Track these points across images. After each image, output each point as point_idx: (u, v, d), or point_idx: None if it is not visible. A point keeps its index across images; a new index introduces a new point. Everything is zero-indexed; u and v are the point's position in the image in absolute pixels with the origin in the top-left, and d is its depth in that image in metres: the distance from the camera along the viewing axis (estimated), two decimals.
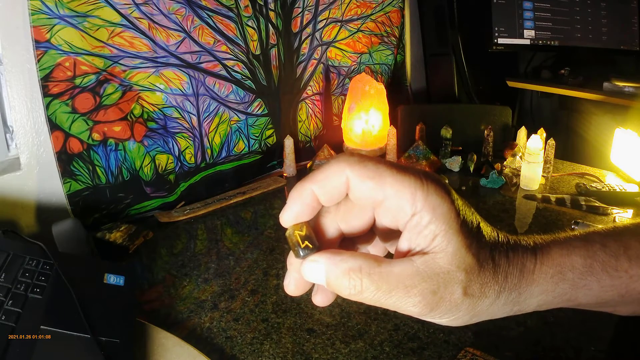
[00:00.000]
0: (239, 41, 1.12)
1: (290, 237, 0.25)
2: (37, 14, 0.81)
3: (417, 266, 0.24)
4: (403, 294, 0.24)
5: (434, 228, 0.24)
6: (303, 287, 0.27)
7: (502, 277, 0.26)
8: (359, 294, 0.24)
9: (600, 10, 1.53)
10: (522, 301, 0.27)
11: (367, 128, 1.35)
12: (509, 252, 0.26)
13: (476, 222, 0.26)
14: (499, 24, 1.51)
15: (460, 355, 0.59)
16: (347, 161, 0.24)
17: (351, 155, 0.25)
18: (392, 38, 1.56)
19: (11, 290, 0.52)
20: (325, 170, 0.25)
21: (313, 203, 0.25)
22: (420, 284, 0.24)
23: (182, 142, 1.06)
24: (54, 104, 0.86)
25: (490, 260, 0.25)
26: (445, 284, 0.24)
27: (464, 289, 0.24)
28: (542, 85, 1.62)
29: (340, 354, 0.61)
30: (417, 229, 0.24)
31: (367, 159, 0.25)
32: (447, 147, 1.31)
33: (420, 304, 0.24)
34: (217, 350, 0.62)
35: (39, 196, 0.90)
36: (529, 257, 0.27)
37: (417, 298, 0.24)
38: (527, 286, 0.27)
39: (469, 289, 0.25)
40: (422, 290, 0.24)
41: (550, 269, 0.27)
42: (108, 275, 0.62)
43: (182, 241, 0.92)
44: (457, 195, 0.26)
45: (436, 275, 0.24)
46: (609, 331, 0.64)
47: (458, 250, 0.24)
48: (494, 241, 0.26)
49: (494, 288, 0.25)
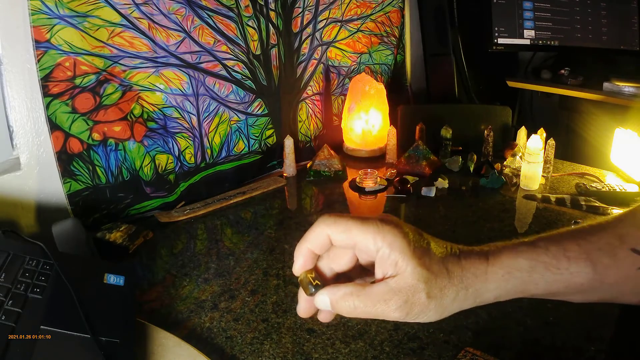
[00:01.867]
0: (239, 41, 1.12)
1: (303, 280, 0.36)
2: (37, 14, 0.81)
3: (390, 285, 0.33)
4: (384, 306, 0.33)
5: (394, 257, 0.33)
6: (311, 312, 0.37)
7: (457, 280, 0.34)
8: (354, 310, 0.34)
9: (600, 10, 1.53)
10: (480, 295, 0.35)
11: (367, 128, 1.35)
12: (462, 260, 0.35)
13: (426, 245, 0.35)
14: (499, 24, 1.51)
15: (460, 355, 0.59)
16: (325, 222, 0.35)
17: (328, 217, 0.35)
18: (392, 38, 1.56)
19: (11, 290, 0.52)
20: (312, 231, 0.35)
21: (311, 254, 0.36)
22: (394, 297, 0.33)
23: (182, 142, 1.06)
24: (54, 104, 0.86)
25: (444, 269, 0.34)
26: (412, 293, 0.33)
27: (426, 294, 0.33)
28: (542, 85, 1.62)
29: (340, 354, 0.61)
30: (382, 260, 0.34)
31: (339, 218, 0.34)
32: (447, 147, 1.31)
33: (398, 310, 0.33)
34: (217, 350, 0.62)
35: (39, 196, 0.90)
36: (481, 262, 0.35)
37: (395, 307, 0.33)
38: (482, 284, 0.35)
39: (431, 293, 0.33)
40: (397, 301, 0.33)
41: (500, 269, 0.35)
42: (108, 275, 0.62)
43: (182, 241, 0.93)
44: (408, 229, 0.35)
45: (404, 289, 0.33)
46: (609, 331, 0.64)
47: (414, 268, 0.33)
48: (446, 254, 0.35)
49: (451, 289, 0.34)
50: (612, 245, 0.36)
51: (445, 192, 1.14)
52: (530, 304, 0.70)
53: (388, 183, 1.18)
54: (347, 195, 1.15)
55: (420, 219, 1.04)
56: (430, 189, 1.13)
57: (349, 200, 1.14)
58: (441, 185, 1.15)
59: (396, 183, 1.14)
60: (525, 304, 0.70)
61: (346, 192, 1.17)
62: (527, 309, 0.69)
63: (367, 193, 1.14)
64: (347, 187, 1.19)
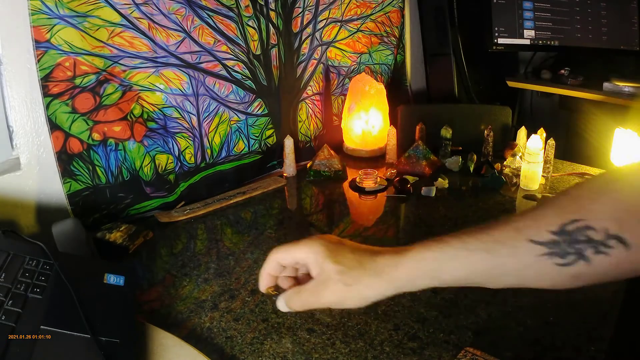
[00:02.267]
0: (240, 41, 1.12)
1: (266, 293, 0.51)
2: (37, 14, 0.81)
3: (317, 280, 0.46)
4: (317, 296, 0.46)
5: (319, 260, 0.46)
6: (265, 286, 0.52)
7: (371, 271, 0.45)
8: (300, 305, 0.47)
9: (600, 10, 1.53)
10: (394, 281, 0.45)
11: (367, 128, 1.35)
12: (376, 256, 0.45)
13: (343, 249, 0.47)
14: (499, 24, 1.51)
15: (460, 355, 0.59)
16: (273, 253, 0.49)
17: (276, 249, 0.48)
18: (392, 38, 1.56)
19: (11, 290, 0.52)
20: (267, 261, 0.49)
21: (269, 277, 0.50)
22: (322, 288, 0.46)
23: (182, 142, 1.06)
24: (54, 104, 0.86)
25: (357, 263, 0.45)
26: (333, 283, 0.45)
27: (343, 283, 0.45)
28: (542, 85, 1.62)
29: (340, 354, 0.61)
30: (313, 264, 0.47)
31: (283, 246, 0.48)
32: (447, 147, 1.31)
33: (327, 298, 0.46)
34: (217, 350, 0.62)
35: (39, 196, 0.90)
36: (393, 256, 0.45)
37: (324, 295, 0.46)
38: (394, 272, 0.44)
39: (347, 282, 0.45)
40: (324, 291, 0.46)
41: (410, 260, 0.44)
42: (108, 275, 0.62)
43: (182, 241, 0.93)
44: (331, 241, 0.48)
45: (327, 281, 0.45)
46: (609, 331, 0.64)
47: (331, 265, 0.45)
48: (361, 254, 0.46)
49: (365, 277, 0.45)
50: (511, 237, 0.42)
51: (445, 192, 1.14)
52: (530, 304, 0.70)
53: (388, 183, 1.18)
54: (347, 195, 1.15)
55: (420, 219, 1.04)
56: (430, 189, 1.13)
57: (349, 200, 1.14)
58: (441, 185, 1.15)
59: (396, 183, 1.14)
60: (525, 303, 0.70)
61: (346, 192, 1.17)
62: (527, 309, 0.69)
63: (367, 193, 1.14)
64: (347, 187, 1.19)
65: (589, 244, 0.40)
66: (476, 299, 0.72)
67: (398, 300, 0.72)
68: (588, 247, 0.40)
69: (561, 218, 0.41)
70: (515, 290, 0.73)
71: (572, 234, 0.41)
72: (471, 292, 0.73)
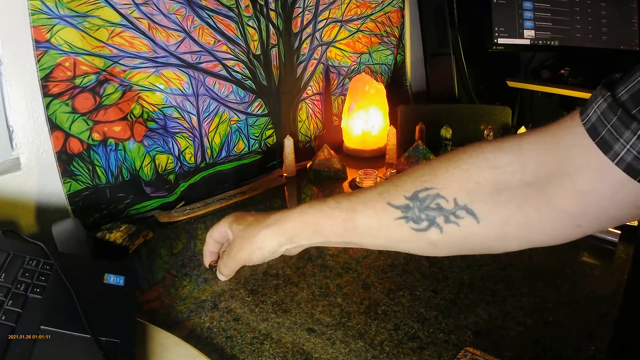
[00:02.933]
0: (240, 41, 1.12)
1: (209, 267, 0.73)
2: (37, 14, 0.81)
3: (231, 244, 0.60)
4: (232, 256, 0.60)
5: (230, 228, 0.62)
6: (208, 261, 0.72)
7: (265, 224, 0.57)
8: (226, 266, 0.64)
9: (600, 10, 1.53)
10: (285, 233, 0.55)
11: (367, 128, 1.36)
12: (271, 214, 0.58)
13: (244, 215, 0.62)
14: (499, 24, 1.51)
15: (460, 355, 0.59)
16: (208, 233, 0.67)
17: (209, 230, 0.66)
18: (392, 38, 1.56)
19: (11, 290, 0.52)
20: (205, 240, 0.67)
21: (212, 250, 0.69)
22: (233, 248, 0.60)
23: (182, 142, 1.06)
24: (54, 104, 0.86)
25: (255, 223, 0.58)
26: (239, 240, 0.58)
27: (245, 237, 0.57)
28: (542, 85, 1.62)
29: (340, 354, 0.61)
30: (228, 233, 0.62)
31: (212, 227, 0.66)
32: (447, 147, 1.31)
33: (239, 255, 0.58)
34: (217, 350, 0.62)
35: (39, 196, 0.90)
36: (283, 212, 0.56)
37: (236, 253, 0.58)
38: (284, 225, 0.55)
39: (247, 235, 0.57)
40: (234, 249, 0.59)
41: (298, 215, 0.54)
42: (108, 275, 0.62)
43: (182, 241, 0.93)
44: (237, 213, 0.63)
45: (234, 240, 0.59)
46: (609, 331, 0.64)
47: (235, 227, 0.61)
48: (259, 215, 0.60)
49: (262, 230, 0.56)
50: (374, 199, 0.47)
51: None
52: (530, 304, 0.70)
53: None
54: None
55: None
56: None
57: None
58: None
59: None
60: (525, 303, 0.70)
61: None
62: (527, 309, 0.69)
63: None
64: (347, 187, 1.19)
65: (439, 211, 0.43)
66: (476, 299, 0.72)
67: (398, 300, 0.72)
68: (439, 215, 0.43)
69: (415, 185, 0.44)
70: (515, 290, 0.73)
71: (423, 201, 0.43)
72: (471, 292, 0.73)
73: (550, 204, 0.40)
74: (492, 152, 0.43)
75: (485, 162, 0.42)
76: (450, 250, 0.47)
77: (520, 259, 0.82)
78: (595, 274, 0.78)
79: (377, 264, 0.82)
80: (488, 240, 0.43)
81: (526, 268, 0.80)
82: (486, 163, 0.42)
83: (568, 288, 0.74)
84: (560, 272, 0.78)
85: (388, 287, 0.75)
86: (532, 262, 0.82)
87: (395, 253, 0.85)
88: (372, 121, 1.35)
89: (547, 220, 0.41)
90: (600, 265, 0.81)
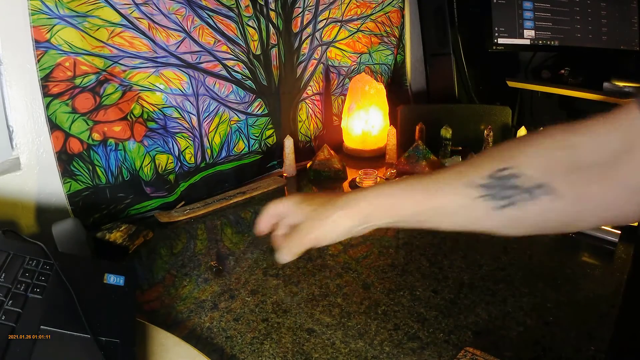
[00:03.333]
0: (240, 41, 1.12)
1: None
2: (37, 14, 0.81)
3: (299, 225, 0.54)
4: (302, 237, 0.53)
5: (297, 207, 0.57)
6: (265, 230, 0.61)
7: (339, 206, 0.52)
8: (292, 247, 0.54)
9: (600, 10, 1.53)
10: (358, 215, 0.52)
11: (367, 128, 1.36)
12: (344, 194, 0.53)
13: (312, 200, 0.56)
14: (499, 24, 1.50)
15: (460, 355, 0.59)
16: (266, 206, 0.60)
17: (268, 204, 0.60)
18: (392, 38, 1.56)
19: (11, 290, 0.52)
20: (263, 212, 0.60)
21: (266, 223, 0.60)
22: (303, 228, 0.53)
23: (182, 142, 1.06)
24: (54, 104, 0.86)
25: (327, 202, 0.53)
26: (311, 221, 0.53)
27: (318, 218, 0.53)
28: (542, 85, 1.61)
29: (340, 354, 0.61)
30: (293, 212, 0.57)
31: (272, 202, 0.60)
32: (447, 147, 1.31)
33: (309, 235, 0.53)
34: (217, 350, 0.62)
35: (39, 196, 0.90)
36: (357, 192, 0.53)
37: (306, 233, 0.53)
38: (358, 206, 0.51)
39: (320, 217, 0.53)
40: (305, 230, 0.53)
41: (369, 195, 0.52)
42: (108, 275, 0.62)
43: (182, 241, 0.93)
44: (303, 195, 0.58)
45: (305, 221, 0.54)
46: (609, 331, 0.64)
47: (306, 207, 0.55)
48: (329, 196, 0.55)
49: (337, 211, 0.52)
50: (453, 179, 0.47)
51: None
52: (530, 304, 0.70)
53: None
54: None
55: None
56: None
57: None
58: None
59: None
60: (525, 303, 0.70)
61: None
62: (527, 309, 0.69)
63: None
64: (347, 187, 1.19)
65: (518, 190, 0.44)
66: (476, 299, 0.72)
67: (398, 300, 0.72)
68: (517, 193, 0.44)
69: (493, 165, 0.45)
70: (515, 290, 0.73)
71: (502, 180, 0.44)
72: (471, 292, 0.73)
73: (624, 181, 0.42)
74: (563, 133, 0.45)
75: (559, 143, 0.44)
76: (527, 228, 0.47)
77: (520, 259, 0.82)
78: (595, 274, 0.78)
79: (377, 264, 0.82)
80: (565, 218, 0.45)
81: (526, 268, 0.80)
82: (559, 144, 0.44)
83: (568, 288, 0.74)
84: (560, 272, 0.78)
85: (388, 287, 0.75)
86: (532, 262, 0.82)
87: (395, 253, 0.85)
88: (372, 121, 1.35)
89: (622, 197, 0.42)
90: (600, 265, 0.81)
